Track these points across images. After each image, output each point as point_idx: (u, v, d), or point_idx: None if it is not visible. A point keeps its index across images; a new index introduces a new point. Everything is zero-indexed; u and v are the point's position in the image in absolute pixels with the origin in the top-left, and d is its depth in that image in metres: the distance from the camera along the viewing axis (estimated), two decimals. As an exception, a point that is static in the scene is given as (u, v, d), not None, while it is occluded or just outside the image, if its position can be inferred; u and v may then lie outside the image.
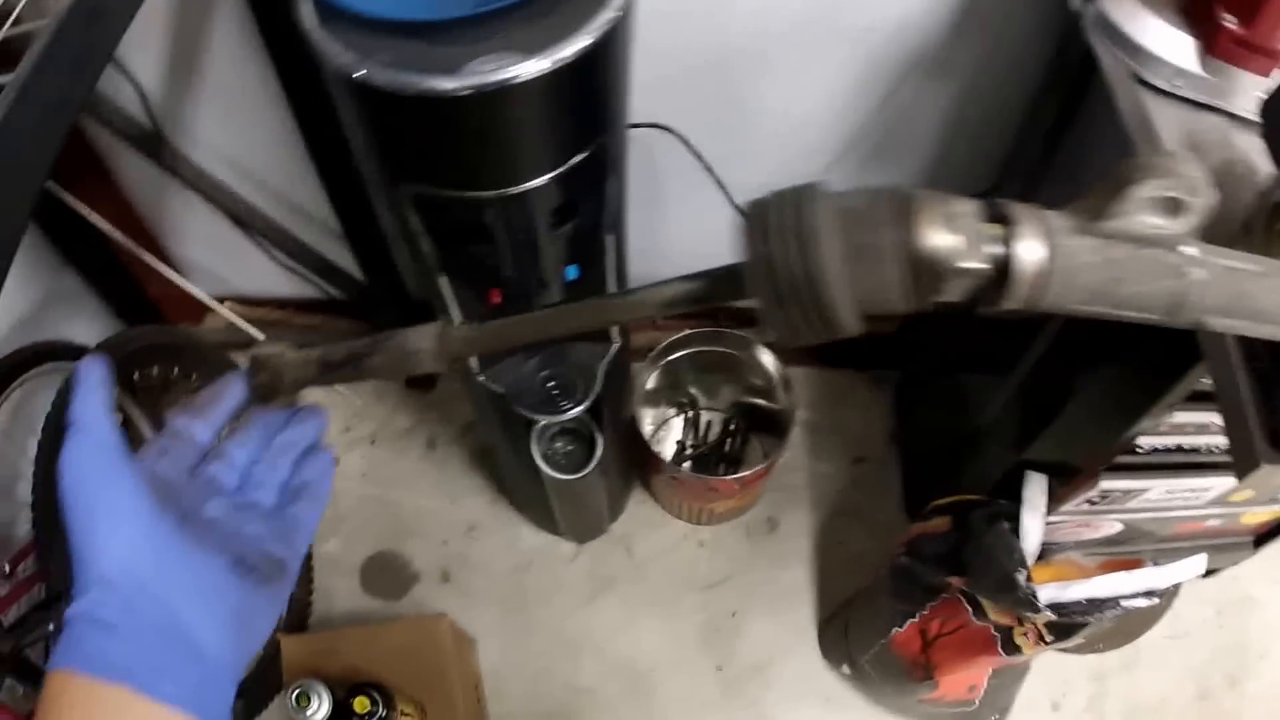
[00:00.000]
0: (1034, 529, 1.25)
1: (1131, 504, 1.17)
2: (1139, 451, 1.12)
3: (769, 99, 1.74)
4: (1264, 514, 1.25)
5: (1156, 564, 1.25)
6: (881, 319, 0.53)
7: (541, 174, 1.06)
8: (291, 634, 2.00)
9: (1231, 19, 1.02)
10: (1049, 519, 1.24)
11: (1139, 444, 1.12)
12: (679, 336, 2.10)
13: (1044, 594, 1.24)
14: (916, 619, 1.59)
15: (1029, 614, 1.29)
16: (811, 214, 0.50)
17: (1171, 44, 1.06)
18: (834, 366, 2.48)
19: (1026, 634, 1.38)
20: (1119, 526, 1.25)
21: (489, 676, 2.12)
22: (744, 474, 1.97)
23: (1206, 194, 0.48)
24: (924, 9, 1.54)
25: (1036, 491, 1.25)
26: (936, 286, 0.50)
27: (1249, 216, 0.87)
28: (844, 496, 2.31)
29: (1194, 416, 1.10)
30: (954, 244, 0.48)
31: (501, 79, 0.91)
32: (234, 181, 2.07)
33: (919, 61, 1.65)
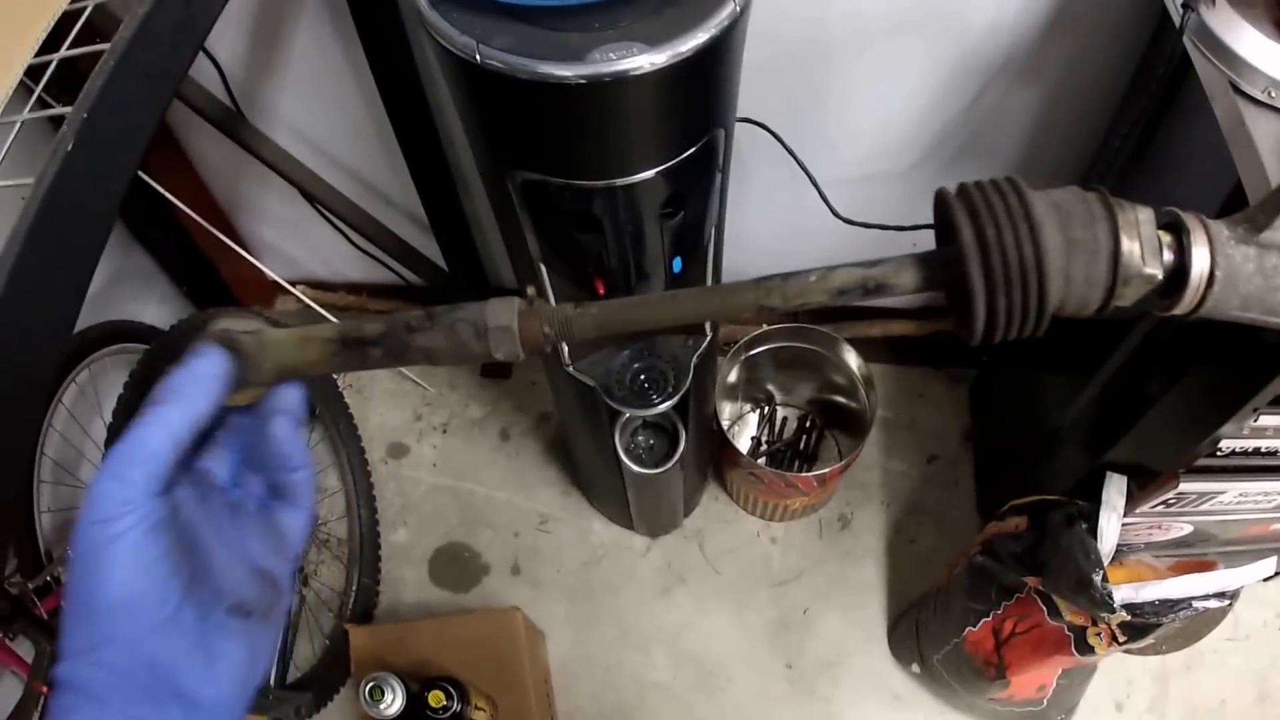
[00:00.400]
0: (1111, 530, 1.29)
1: (1205, 506, 1.22)
2: (1220, 454, 1.17)
3: (858, 96, 1.80)
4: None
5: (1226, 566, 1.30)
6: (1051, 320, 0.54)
7: (653, 166, 1.08)
8: (359, 624, 2.08)
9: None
10: (1124, 520, 1.29)
11: (1220, 446, 1.16)
12: (760, 332, 2.16)
13: (1119, 594, 1.28)
14: (990, 618, 1.63)
15: (1104, 614, 1.32)
16: (1032, 203, 0.52)
17: (1269, 55, 1.09)
18: (910, 364, 2.54)
19: (1100, 634, 1.41)
20: (1188, 529, 1.30)
21: (557, 670, 2.20)
22: (824, 470, 2.03)
23: None
24: (1017, 10, 1.60)
25: (1116, 492, 1.30)
26: (1120, 291, 0.53)
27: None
28: (917, 494, 2.37)
29: (1277, 420, 1.14)
30: (1138, 250, 0.52)
31: (626, 69, 0.91)
32: (313, 163, 2.12)
33: (1009, 62, 1.70)
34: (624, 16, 0.95)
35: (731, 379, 2.27)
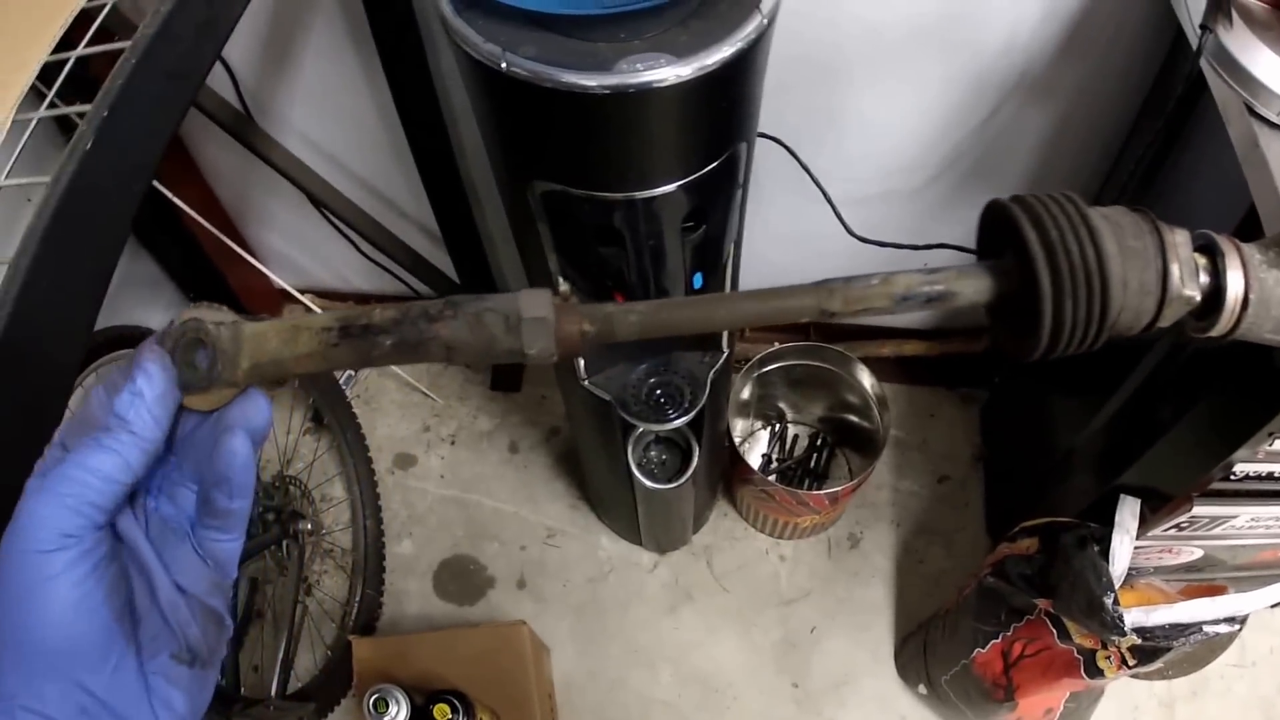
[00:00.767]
0: (1123, 553, 1.30)
1: (1216, 530, 1.23)
2: (1234, 478, 1.17)
3: (873, 113, 1.81)
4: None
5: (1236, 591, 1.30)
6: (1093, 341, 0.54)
7: (676, 179, 1.08)
8: (361, 636, 2.09)
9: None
10: (1136, 543, 1.30)
11: (1234, 470, 1.16)
12: (773, 350, 2.18)
13: (1130, 618, 1.28)
14: (1000, 640, 1.64)
15: (1114, 637, 1.32)
16: (1089, 212, 0.53)
17: None
18: (922, 384, 2.55)
19: (1110, 657, 1.42)
20: (1198, 553, 1.31)
21: (561, 686, 2.21)
22: (836, 489, 2.05)
23: None
24: (1032, 31, 1.61)
25: (1129, 515, 1.30)
26: (1164, 310, 0.53)
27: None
28: (927, 515, 2.39)
29: None
30: (1178, 271, 0.53)
31: (652, 80, 0.92)
32: (324, 171, 2.13)
33: (1023, 81, 1.71)
34: (650, 27, 0.96)
35: (744, 396, 2.29)
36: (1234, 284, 0.53)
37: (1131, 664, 1.39)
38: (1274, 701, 2.15)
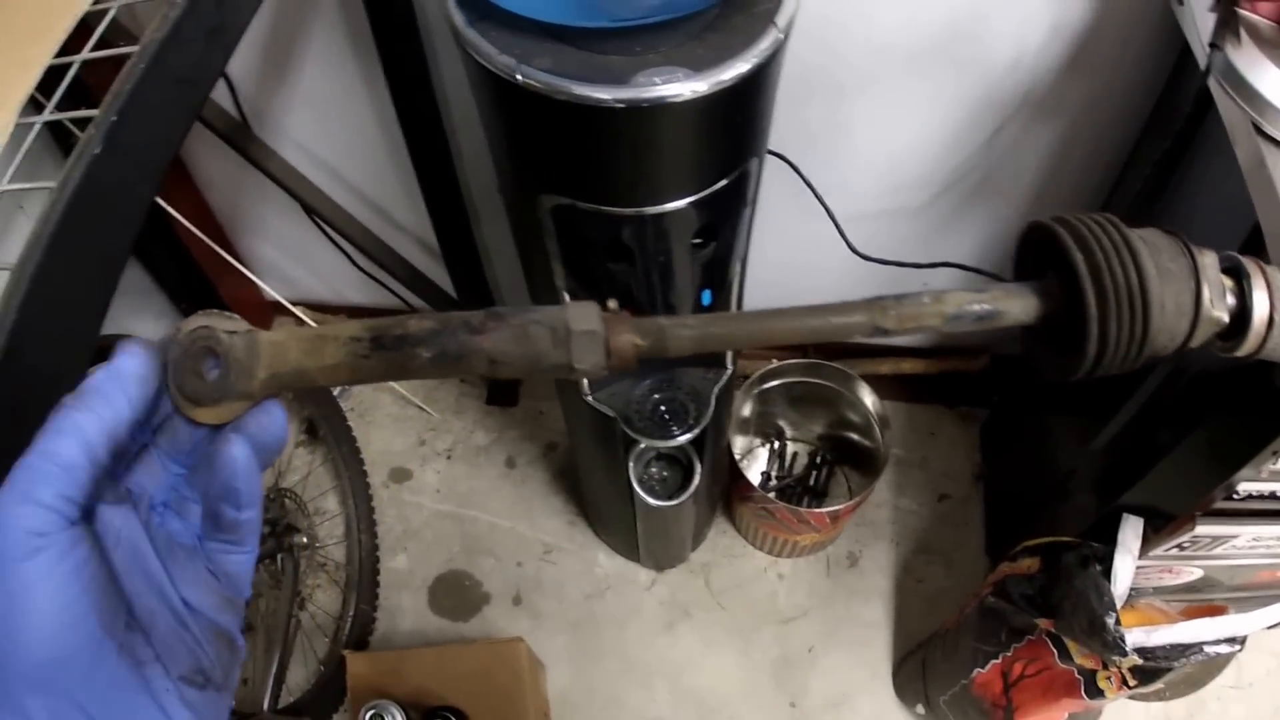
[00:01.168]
0: (1125, 573, 1.31)
1: (1218, 550, 1.24)
2: (1237, 497, 1.17)
3: (877, 130, 1.83)
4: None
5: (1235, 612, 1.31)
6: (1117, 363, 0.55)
7: (688, 195, 1.08)
8: (355, 651, 2.09)
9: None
10: (1138, 563, 1.30)
11: (1238, 490, 1.16)
12: (773, 367, 2.20)
13: (1131, 638, 1.29)
14: (999, 660, 1.64)
15: (1115, 658, 1.32)
16: (1129, 234, 0.54)
17: None
18: (921, 402, 2.57)
19: (1110, 678, 1.42)
20: (1199, 573, 1.32)
21: (557, 703, 2.21)
22: (837, 507, 2.06)
23: None
24: (1038, 48, 1.63)
25: (1132, 534, 1.30)
26: (1195, 332, 0.55)
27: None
28: (926, 534, 2.40)
29: None
30: (1208, 293, 0.54)
31: (668, 95, 0.92)
32: (321, 182, 2.14)
33: (1028, 98, 1.73)
34: (666, 41, 0.96)
35: (745, 413, 2.30)
36: (1260, 305, 0.55)
37: (1132, 684, 1.39)
38: (1271, 723, 2.16)
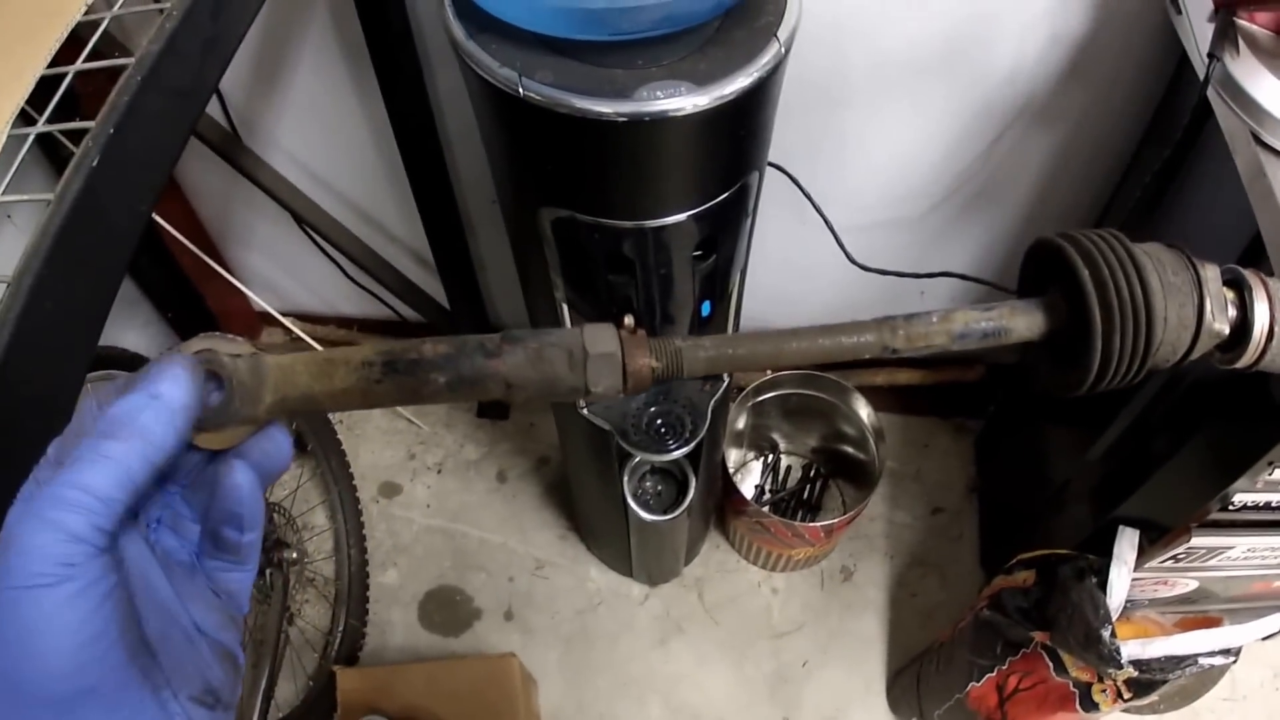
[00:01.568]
0: (1121, 585, 1.31)
1: (1213, 562, 1.25)
2: (1232, 508, 1.18)
3: (876, 140, 1.84)
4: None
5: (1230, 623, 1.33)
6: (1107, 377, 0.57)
7: (689, 208, 1.08)
8: (344, 666, 2.09)
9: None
10: (1133, 575, 1.31)
11: (1233, 500, 1.17)
12: (768, 378, 2.20)
13: (1126, 650, 1.30)
14: (995, 673, 1.65)
15: (1111, 670, 1.34)
16: (1134, 249, 0.55)
17: None
18: (915, 413, 2.58)
19: (1105, 690, 1.44)
20: (1194, 585, 1.33)
21: (549, 719, 2.21)
22: (831, 521, 2.06)
23: None
24: (1037, 58, 1.64)
25: (1127, 546, 1.31)
26: (1196, 344, 0.56)
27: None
28: (920, 547, 2.40)
29: None
30: (1210, 305, 0.56)
31: (670, 109, 0.92)
32: (312, 192, 2.14)
33: (1027, 108, 1.74)
34: (668, 54, 0.96)
35: (739, 425, 2.30)
36: (1260, 317, 0.56)
37: (1127, 697, 1.40)
38: (1266, 735, 2.17)
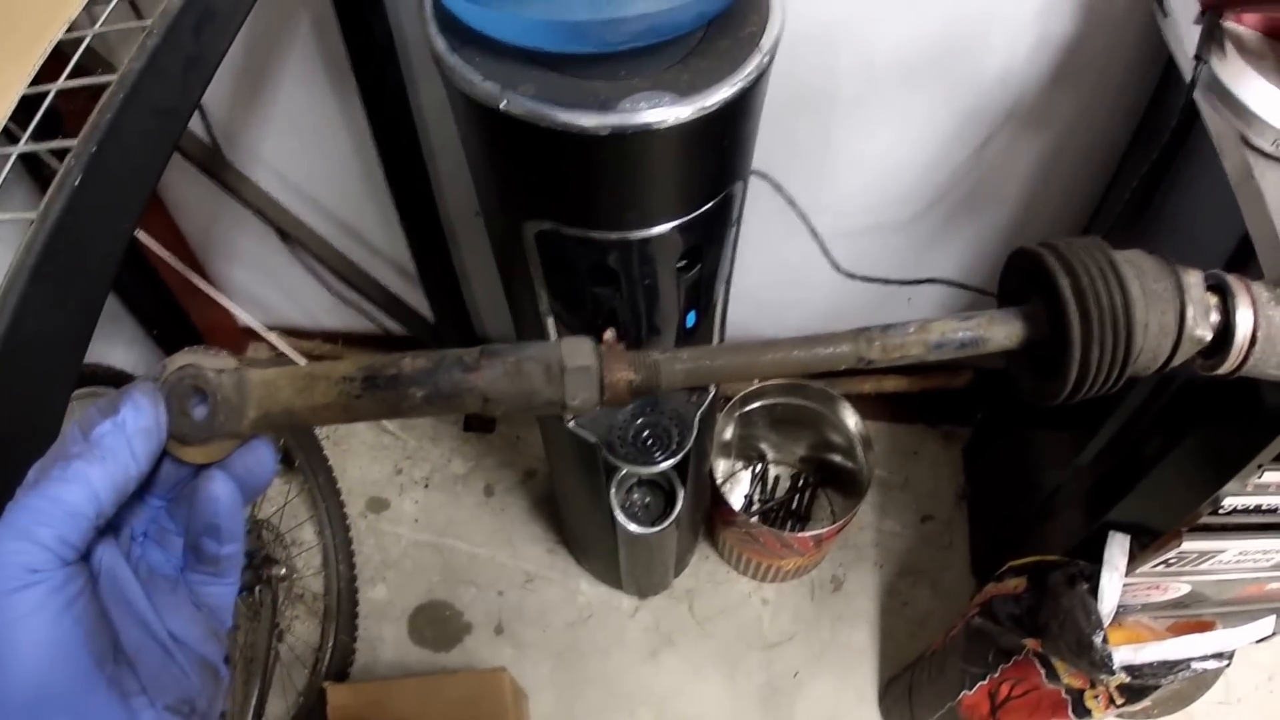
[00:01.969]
0: (1112, 590, 1.31)
1: (1204, 566, 1.25)
2: (1222, 512, 1.18)
3: (862, 146, 1.83)
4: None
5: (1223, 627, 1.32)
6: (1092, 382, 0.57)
7: (673, 219, 1.08)
8: (335, 682, 2.09)
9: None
10: (1125, 580, 1.31)
11: (1224, 504, 1.17)
12: (755, 388, 2.19)
13: (1119, 656, 1.29)
14: (987, 681, 1.64)
15: (1103, 676, 1.33)
16: (1115, 257, 0.55)
17: (1279, 107, 1.09)
18: (903, 421, 2.57)
19: (1098, 697, 1.43)
20: (1186, 589, 1.33)
21: (540, 733, 2.20)
22: (820, 531, 2.06)
23: None
24: (1025, 61, 1.64)
25: (1118, 552, 1.31)
26: (1177, 351, 0.56)
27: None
28: (910, 555, 2.40)
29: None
30: (1192, 312, 0.56)
31: (653, 121, 0.92)
32: (295, 207, 2.15)
33: (1014, 112, 1.74)
34: (651, 66, 0.96)
35: (726, 436, 2.30)
36: (1243, 323, 0.56)
37: (1120, 703, 1.40)
38: (1261, 739, 2.16)
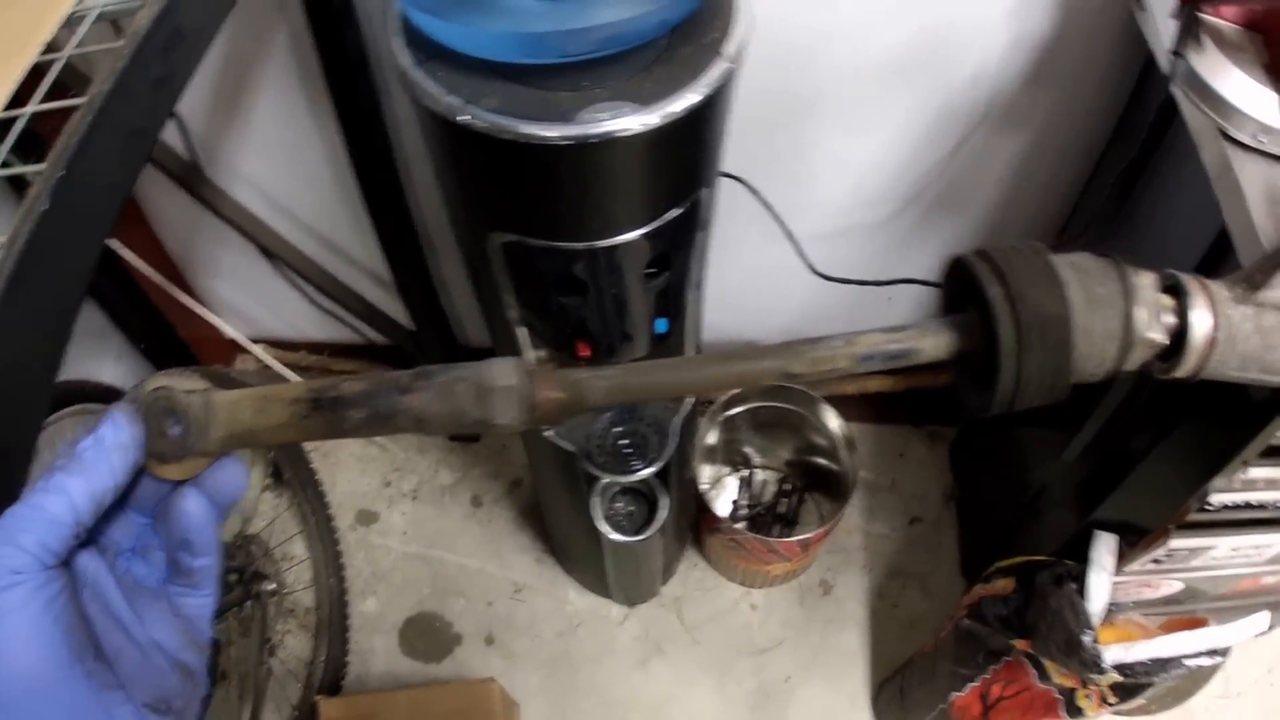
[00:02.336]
0: (1101, 590, 1.30)
1: (1196, 562, 1.24)
2: (1210, 508, 1.17)
3: (837, 147, 1.82)
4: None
5: (1217, 622, 1.31)
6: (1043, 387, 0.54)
7: (639, 227, 1.08)
8: (327, 695, 2.07)
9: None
10: (1115, 579, 1.30)
11: (1211, 501, 1.16)
12: (737, 393, 2.18)
13: (1109, 655, 1.28)
14: (978, 682, 1.63)
15: (1094, 676, 1.32)
16: (1054, 261, 0.54)
17: (1257, 99, 1.09)
18: (889, 422, 2.56)
19: (1090, 696, 1.42)
20: (1179, 585, 1.31)
21: (532, 743, 2.18)
22: (806, 536, 2.04)
23: None
24: (1000, 61, 1.62)
25: (1105, 551, 1.30)
26: (1128, 354, 0.54)
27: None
28: (899, 558, 2.39)
29: (1266, 471, 1.14)
30: (1144, 315, 0.54)
31: (614, 130, 0.92)
32: (273, 220, 2.14)
33: (990, 111, 1.72)
34: (614, 75, 0.96)
35: (710, 441, 2.28)
36: (1200, 324, 0.54)
37: (1112, 702, 1.39)
38: (1259, 733, 2.15)
